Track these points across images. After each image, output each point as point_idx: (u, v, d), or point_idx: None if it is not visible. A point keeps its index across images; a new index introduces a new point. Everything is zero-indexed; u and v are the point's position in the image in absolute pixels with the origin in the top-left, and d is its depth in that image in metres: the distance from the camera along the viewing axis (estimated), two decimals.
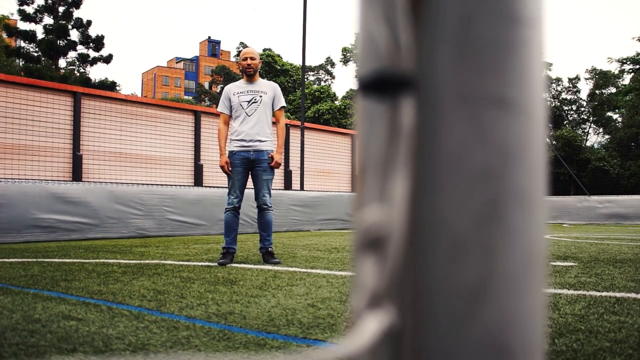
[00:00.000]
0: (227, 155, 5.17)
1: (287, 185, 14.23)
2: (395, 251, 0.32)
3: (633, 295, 3.20)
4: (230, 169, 5.11)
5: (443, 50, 0.33)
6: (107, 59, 31.12)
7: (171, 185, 10.88)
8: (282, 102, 5.34)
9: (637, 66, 38.45)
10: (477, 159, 0.33)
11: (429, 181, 0.33)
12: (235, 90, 5.25)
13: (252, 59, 5.22)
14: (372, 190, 0.33)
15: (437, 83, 0.33)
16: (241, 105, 5.15)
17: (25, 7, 28.74)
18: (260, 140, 5.12)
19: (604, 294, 3.25)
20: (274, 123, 5.35)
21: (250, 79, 5.25)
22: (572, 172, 25.42)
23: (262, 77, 35.55)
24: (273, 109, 5.29)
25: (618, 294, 3.23)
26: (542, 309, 0.34)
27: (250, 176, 5.23)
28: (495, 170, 0.33)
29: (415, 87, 0.33)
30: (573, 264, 4.90)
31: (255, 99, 5.16)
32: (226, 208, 5.18)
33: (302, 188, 13.85)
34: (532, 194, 0.34)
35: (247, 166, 5.14)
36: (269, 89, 5.26)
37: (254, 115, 5.13)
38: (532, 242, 0.34)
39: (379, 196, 0.32)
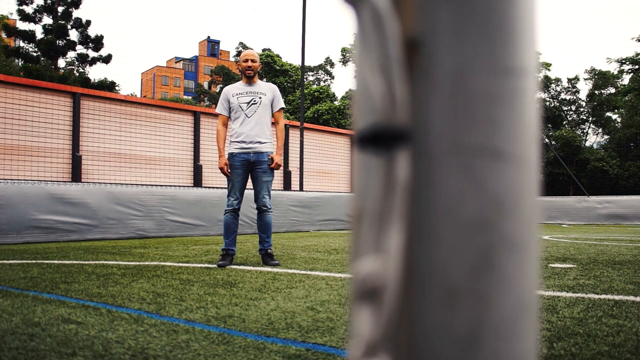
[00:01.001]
0: (226, 157, 5.17)
1: (287, 185, 14.24)
2: (391, 301, 0.32)
3: (631, 298, 3.21)
4: (229, 170, 5.12)
5: (437, 103, 0.34)
6: (107, 59, 31.09)
7: (170, 186, 10.88)
8: (281, 104, 5.34)
9: (636, 66, 38.46)
10: (470, 209, 0.34)
11: (424, 231, 0.34)
12: (235, 91, 5.25)
13: (252, 61, 5.22)
14: (368, 241, 0.33)
15: (431, 135, 0.34)
16: (240, 107, 5.16)
17: (24, 7, 28.72)
18: (260, 142, 5.13)
19: (603, 296, 3.26)
20: (273, 124, 5.36)
21: (250, 80, 5.25)
22: (571, 172, 25.44)
23: (262, 78, 35.27)
24: (272, 111, 5.29)
25: (616, 297, 3.23)
26: (534, 354, 0.35)
27: (250, 178, 5.23)
28: (488, 220, 0.34)
29: (410, 139, 0.33)
30: (572, 265, 4.91)
31: (254, 101, 5.16)
32: (225, 210, 5.18)
33: (301, 188, 13.85)
34: (525, 241, 0.35)
35: (247, 168, 5.15)
36: (268, 90, 5.27)
37: (254, 117, 5.13)
38: (525, 289, 0.34)
39: (375, 247, 0.33)
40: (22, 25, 29.27)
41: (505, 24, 0.34)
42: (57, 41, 28.97)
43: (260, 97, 5.18)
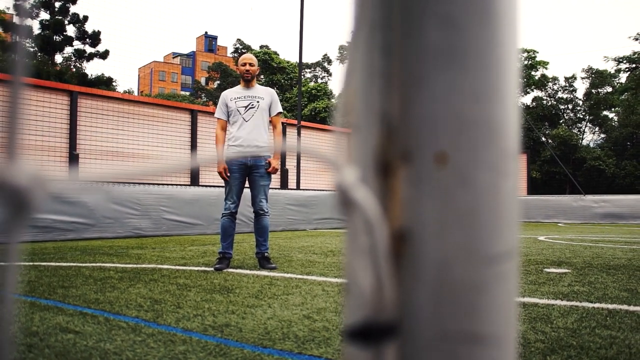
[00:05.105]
0: (224, 161, 5.19)
1: (284, 184, 14.26)
2: None
3: (625, 307, 3.24)
4: (227, 174, 5.13)
5: (423, 292, 0.36)
6: (104, 55, 31.08)
7: (167, 184, 10.89)
8: (279, 108, 5.35)
9: (633, 65, 38.56)
10: None
11: None
12: (233, 95, 5.26)
13: (250, 65, 5.24)
14: None
15: (417, 324, 0.36)
16: (238, 111, 5.17)
17: (21, 2, 28.61)
18: (257, 146, 5.14)
19: (597, 305, 3.29)
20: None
21: (248, 84, 5.27)
22: (568, 171, 25.51)
23: (259, 75, 35.14)
24: (270, 115, 5.31)
25: (610, 306, 3.26)
26: None
27: (247, 181, 5.25)
28: None
29: (398, 332, 0.35)
30: (567, 270, 4.94)
31: (252, 105, 5.18)
32: (223, 213, 5.19)
33: (298, 187, 13.87)
34: None
35: (245, 172, 5.16)
36: (265, 94, 5.28)
37: (251, 121, 5.14)
38: None
39: None
40: (19, 21, 29.18)
41: (486, 215, 0.36)
42: (54, 37, 28.93)
43: (258, 101, 5.19)
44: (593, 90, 41.35)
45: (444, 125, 0.36)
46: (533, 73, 41.51)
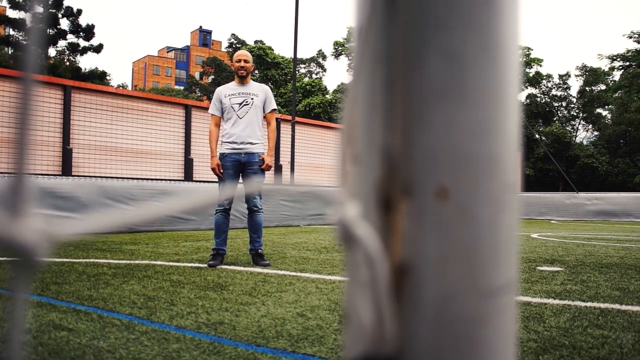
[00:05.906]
0: (218, 157, 5.18)
1: (278, 180, 14.25)
2: None
3: (617, 306, 3.26)
4: (221, 171, 5.13)
5: (423, 326, 0.36)
6: (98, 49, 30.96)
7: (161, 179, 10.86)
8: (273, 105, 5.35)
9: (627, 63, 38.71)
10: None
11: None
12: (227, 92, 5.25)
13: (245, 61, 5.23)
14: None
15: (417, 358, 0.36)
16: (232, 108, 5.16)
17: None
18: (251, 143, 5.14)
19: (589, 304, 3.31)
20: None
21: (242, 81, 5.26)
22: (561, 168, 25.60)
23: (254, 70, 35.09)
24: (264, 112, 5.30)
25: (602, 305, 3.28)
26: None
27: (241, 178, 5.25)
28: None
29: None
30: (559, 268, 4.97)
31: (246, 101, 5.17)
32: (216, 209, 5.19)
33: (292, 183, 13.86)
34: None
35: (238, 168, 5.16)
36: (260, 91, 5.27)
37: (245, 118, 5.14)
38: None
39: None
40: (12, 14, 29.04)
41: (487, 249, 0.37)
42: (48, 30, 28.75)
43: (252, 98, 5.19)
44: (587, 88, 41.49)
45: (444, 160, 0.36)
46: (527, 70, 41.60)
